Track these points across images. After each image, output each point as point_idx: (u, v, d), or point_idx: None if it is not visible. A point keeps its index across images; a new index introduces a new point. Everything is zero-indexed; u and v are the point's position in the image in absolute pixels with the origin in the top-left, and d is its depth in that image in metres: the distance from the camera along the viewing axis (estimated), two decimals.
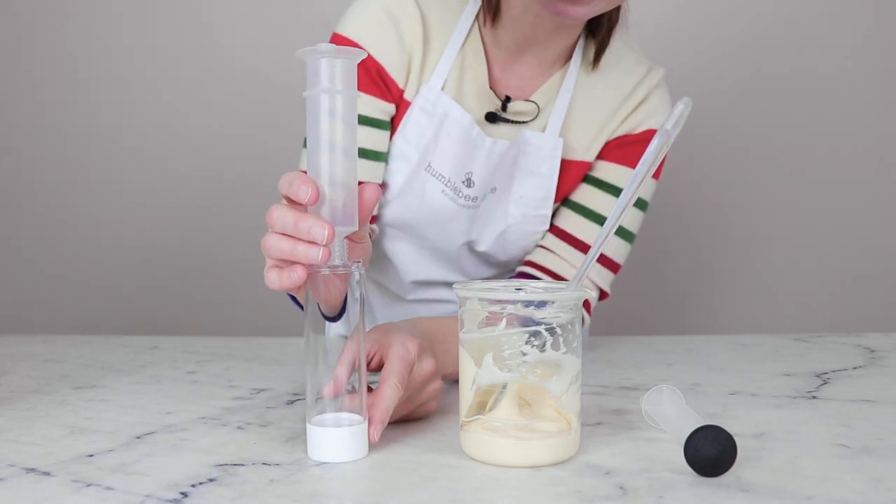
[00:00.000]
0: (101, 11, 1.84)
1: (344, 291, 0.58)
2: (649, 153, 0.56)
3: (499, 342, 0.55)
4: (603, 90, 0.93)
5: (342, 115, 0.55)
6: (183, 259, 1.89)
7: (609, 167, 0.94)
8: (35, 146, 1.90)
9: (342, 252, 0.56)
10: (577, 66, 0.92)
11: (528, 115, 0.92)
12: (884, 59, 1.67)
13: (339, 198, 0.55)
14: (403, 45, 0.88)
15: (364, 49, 0.58)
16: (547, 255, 0.93)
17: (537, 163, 0.91)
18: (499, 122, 0.91)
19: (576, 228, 0.94)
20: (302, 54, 0.55)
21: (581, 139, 0.93)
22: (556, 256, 0.93)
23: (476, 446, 0.56)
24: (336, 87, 0.55)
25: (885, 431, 0.60)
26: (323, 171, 0.55)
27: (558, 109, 0.91)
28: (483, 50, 0.91)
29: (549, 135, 0.91)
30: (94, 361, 0.95)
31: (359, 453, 0.56)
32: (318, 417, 0.57)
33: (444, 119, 0.89)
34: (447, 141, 0.89)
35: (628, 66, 0.94)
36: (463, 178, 0.91)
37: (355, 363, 0.57)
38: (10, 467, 0.56)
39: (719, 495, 0.48)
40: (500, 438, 0.54)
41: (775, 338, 1.01)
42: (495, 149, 0.90)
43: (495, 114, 0.91)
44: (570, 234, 0.94)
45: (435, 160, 0.91)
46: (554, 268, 0.92)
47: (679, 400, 0.60)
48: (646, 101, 0.94)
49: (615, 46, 0.94)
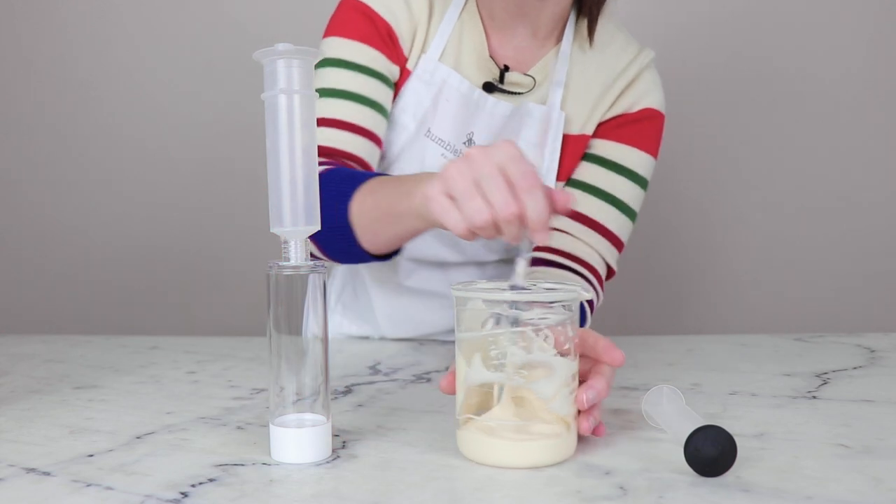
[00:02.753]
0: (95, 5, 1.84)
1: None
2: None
3: (487, 342, 0.55)
4: (597, 67, 0.96)
5: (301, 115, 0.55)
6: (183, 259, 1.89)
7: (611, 145, 0.96)
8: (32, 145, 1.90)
9: (305, 253, 0.56)
10: (569, 42, 0.95)
11: (524, 88, 0.94)
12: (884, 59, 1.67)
13: (301, 198, 0.55)
14: (412, 14, 0.91)
15: (375, 12, 0.59)
16: (560, 236, 0.94)
17: (540, 134, 0.92)
18: (496, 93, 0.93)
19: (588, 208, 0.95)
20: (259, 56, 0.56)
21: (578, 113, 0.95)
22: (570, 237, 0.94)
23: (471, 447, 0.56)
24: (293, 88, 0.55)
25: (885, 431, 0.60)
26: (284, 171, 0.55)
27: (556, 85, 0.94)
28: (480, 20, 0.93)
29: (551, 108, 0.93)
30: (94, 361, 0.95)
31: (322, 454, 0.56)
32: (280, 419, 0.57)
33: (443, 86, 0.91)
34: (446, 107, 0.92)
35: (621, 45, 0.97)
36: (465, 139, 0.93)
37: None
38: (10, 467, 0.56)
39: (719, 495, 0.48)
40: (494, 440, 0.54)
41: (775, 338, 1.01)
42: (497, 110, 0.92)
43: (493, 84, 0.93)
44: (582, 214, 0.95)
45: (435, 126, 0.93)
46: (569, 249, 0.93)
47: (679, 400, 0.60)
48: (638, 79, 0.97)
49: (607, 27, 0.97)
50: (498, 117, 0.92)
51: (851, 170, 1.69)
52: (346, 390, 0.77)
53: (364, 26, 0.90)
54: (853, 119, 1.68)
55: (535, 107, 0.92)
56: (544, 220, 0.56)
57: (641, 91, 0.96)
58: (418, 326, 1.07)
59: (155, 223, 1.88)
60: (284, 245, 0.56)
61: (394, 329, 1.08)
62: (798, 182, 1.71)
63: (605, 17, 0.96)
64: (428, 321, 1.06)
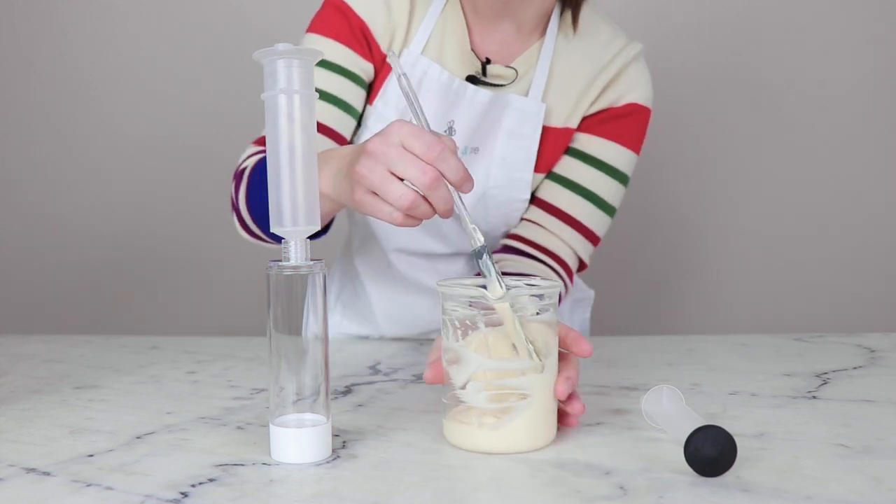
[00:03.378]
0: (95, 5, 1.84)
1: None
2: None
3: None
4: (581, 59, 0.95)
5: (300, 115, 0.55)
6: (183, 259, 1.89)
7: (593, 140, 0.96)
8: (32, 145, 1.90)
9: (305, 252, 0.56)
10: (554, 34, 0.95)
11: (507, 80, 0.94)
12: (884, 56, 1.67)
13: (301, 198, 0.56)
14: (391, 12, 0.92)
15: (352, 9, 0.59)
16: (533, 228, 0.95)
17: (520, 125, 0.93)
18: (479, 85, 0.93)
19: (563, 202, 0.95)
20: (259, 56, 0.56)
21: (561, 106, 0.95)
22: (543, 230, 0.94)
23: (453, 436, 0.58)
24: (293, 88, 0.55)
25: (885, 431, 0.60)
26: (284, 171, 0.55)
27: (539, 77, 0.94)
28: (463, 15, 0.94)
29: (532, 99, 0.93)
30: (94, 361, 0.95)
31: (322, 454, 0.56)
32: (280, 419, 0.57)
33: (423, 78, 0.92)
34: (426, 97, 0.93)
35: (606, 38, 0.96)
36: (445, 128, 0.94)
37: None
38: (10, 467, 0.56)
39: (719, 495, 0.48)
40: (472, 429, 0.57)
41: (775, 338, 1.01)
42: (476, 98, 0.92)
43: (475, 76, 0.93)
44: (557, 208, 0.95)
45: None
46: (541, 241, 0.93)
47: (679, 400, 0.60)
48: (624, 72, 0.96)
49: (593, 19, 0.97)
50: (478, 105, 0.93)
51: (852, 170, 1.69)
52: (346, 390, 0.77)
53: (339, 24, 0.91)
54: (854, 118, 1.68)
55: (516, 97, 0.93)
56: (463, 173, 0.59)
57: (627, 85, 0.96)
58: (416, 323, 1.07)
59: (155, 223, 1.88)
60: (284, 245, 0.56)
61: (392, 327, 1.08)
62: (798, 182, 1.71)
63: (590, 8, 0.96)
64: (426, 318, 1.06)
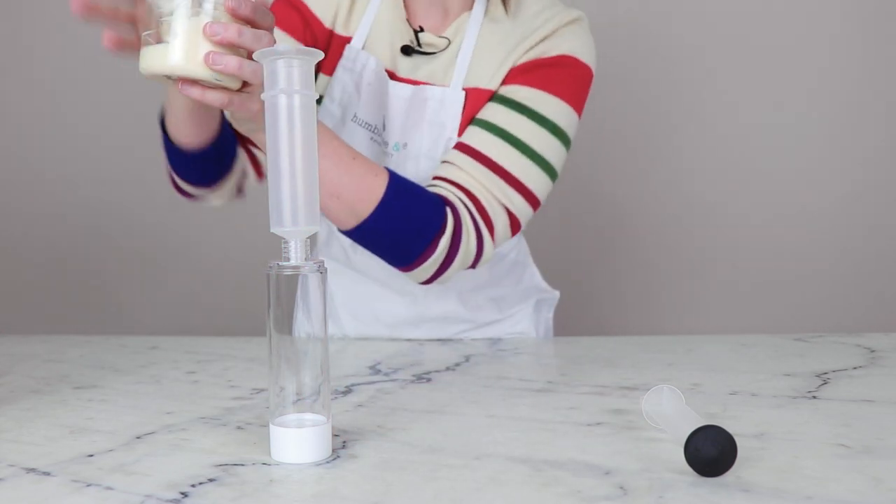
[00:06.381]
0: None
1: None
2: None
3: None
4: (512, 25, 0.96)
5: (301, 115, 0.56)
6: (183, 259, 1.89)
7: (519, 88, 0.94)
8: (32, 145, 1.90)
9: (305, 252, 0.56)
10: (482, 6, 0.96)
11: (438, 48, 0.96)
12: (885, 55, 1.67)
13: (301, 198, 0.56)
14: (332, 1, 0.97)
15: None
16: (456, 171, 0.91)
17: (440, 115, 0.94)
18: (413, 55, 0.96)
19: (486, 147, 0.91)
20: (259, 56, 0.56)
21: (485, 67, 0.95)
22: (465, 174, 0.91)
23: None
24: (293, 88, 0.55)
25: (885, 431, 0.60)
26: (284, 171, 0.56)
27: (466, 48, 0.95)
28: (403, 3, 0.98)
29: (451, 89, 0.94)
30: (94, 361, 0.95)
31: (322, 454, 0.56)
32: (280, 419, 0.57)
33: (363, 71, 0.95)
34: (368, 90, 0.95)
35: (539, 8, 0.97)
36: (382, 123, 0.96)
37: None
38: (10, 467, 0.56)
39: (719, 495, 0.48)
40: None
41: (775, 338, 1.01)
42: (397, 92, 0.95)
43: (410, 46, 0.96)
44: (480, 152, 0.91)
45: (360, 110, 0.96)
46: (464, 184, 0.90)
47: (679, 400, 0.60)
48: (557, 32, 0.95)
49: (526, 2, 0.97)
50: (402, 101, 0.95)
51: (852, 170, 1.69)
52: (346, 390, 0.77)
53: (285, 12, 0.95)
54: (854, 118, 1.69)
55: (434, 89, 0.94)
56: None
57: (559, 41, 0.94)
58: (377, 317, 1.08)
59: (155, 223, 1.88)
60: (284, 245, 0.56)
61: (353, 322, 1.10)
62: (799, 182, 1.71)
63: None
64: (391, 312, 1.07)
